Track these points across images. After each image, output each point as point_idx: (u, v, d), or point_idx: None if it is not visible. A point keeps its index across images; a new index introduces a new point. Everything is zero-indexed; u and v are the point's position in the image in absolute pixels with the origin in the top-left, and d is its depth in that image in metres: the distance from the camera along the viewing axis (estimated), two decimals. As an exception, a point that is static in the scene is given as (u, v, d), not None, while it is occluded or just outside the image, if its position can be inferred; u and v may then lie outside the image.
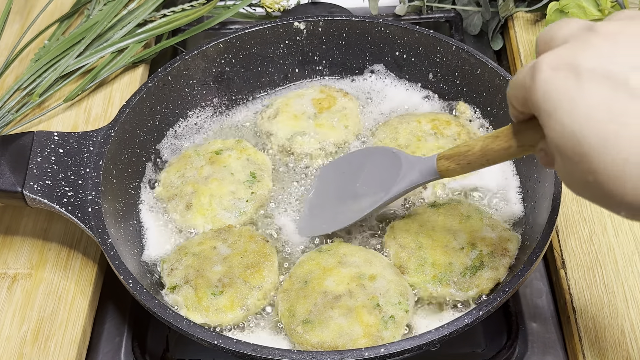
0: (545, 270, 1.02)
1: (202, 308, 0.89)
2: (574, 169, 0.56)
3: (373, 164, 0.96)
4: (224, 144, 1.07)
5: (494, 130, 0.75)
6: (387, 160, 0.93)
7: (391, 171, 0.91)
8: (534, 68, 0.59)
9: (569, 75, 0.55)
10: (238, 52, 1.14)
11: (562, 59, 0.56)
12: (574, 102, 0.54)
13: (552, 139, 0.57)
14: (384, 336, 0.84)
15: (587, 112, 0.53)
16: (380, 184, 0.93)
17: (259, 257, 0.93)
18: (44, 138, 0.97)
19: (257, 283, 0.91)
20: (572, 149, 0.55)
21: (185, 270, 0.92)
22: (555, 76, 0.56)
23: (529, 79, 0.59)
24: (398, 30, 1.12)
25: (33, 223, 1.06)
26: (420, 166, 0.88)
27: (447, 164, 0.83)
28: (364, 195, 0.95)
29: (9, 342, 0.93)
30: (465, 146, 0.80)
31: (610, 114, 0.52)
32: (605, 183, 0.54)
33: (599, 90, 0.54)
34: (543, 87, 0.57)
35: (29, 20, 1.35)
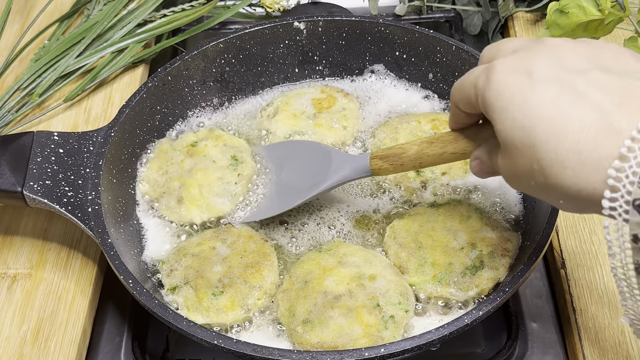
0: (545, 270, 1.02)
1: (202, 308, 0.89)
2: (520, 159, 0.63)
3: (306, 157, 0.99)
4: (196, 135, 1.07)
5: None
6: (319, 155, 0.97)
7: (322, 166, 0.95)
8: (489, 70, 0.65)
9: (522, 76, 0.62)
10: (238, 52, 1.14)
11: (516, 63, 0.63)
12: (526, 99, 0.61)
13: (503, 132, 0.64)
14: (384, 336, 0.84)
15: (537, 108, 0.60)
16: (311, 177, 0.96)
17: (258, 257, 0.93)
18: (44, 138, 0.97)
19: (257, 282, 0.91)
20: (521, 141, 0.62)
21: (185, 271, 0.92)
22: (509, 76, 0.63)
23: (484, 79, 0.65)
24: (398, 30, 1.12)
25: (33, 223, 1.06)
26: (352, 163, 0.91)
27: (380, 164, 0.86)
28: (296, 186, 0.98)
29: (9, 342, 0.93)
30: (400, 148, 0.84)
31: (558, 110, 0.59)
32: (549, 169, 0.60)
33: (548, 90, 0.60)
34: (497, 86, 0.63)
35: (29, 20, 1.35)
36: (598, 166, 0.57)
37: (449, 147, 0.78)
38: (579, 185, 0.58)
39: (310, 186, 0.95)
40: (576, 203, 0.61)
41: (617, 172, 0.56)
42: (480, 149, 0.75)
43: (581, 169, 0.58)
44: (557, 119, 0.59)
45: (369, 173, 0.89)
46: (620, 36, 1.23)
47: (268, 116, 1.11)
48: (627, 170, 0.55)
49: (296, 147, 1.04)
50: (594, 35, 1.16)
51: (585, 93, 0.59)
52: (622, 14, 1.11)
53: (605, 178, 0.57)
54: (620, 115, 0.57)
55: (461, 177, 1.02)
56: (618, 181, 0.56)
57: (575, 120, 0.58)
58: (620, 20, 1.13)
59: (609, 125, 0.57)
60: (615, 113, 0.57)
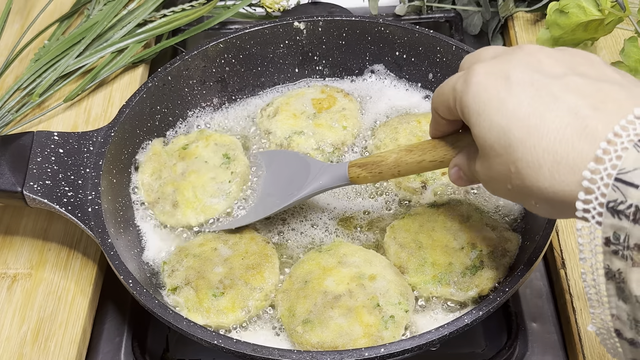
0: (545, 270, 1.02)
1: (203, 309, 0.89)
2: (497, 161, 0.64)
3: (285, 166, 1.00)
4: (187, 138, 1.07)
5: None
6: (297, 164, 0.98)
7: (301, 175, 0.95)
8: (467, 74, 0.66)
9: (499, 80, 0.63)
10: (238, 52, 1.14)
11: (494, 67, 0.65)
12: (502, 101, 0.62)
13: (480, 134, 0.65)
14: (384, 336, 0.84)
15: (513, 109, 0.61)
16: (289, 185, 0.96)
17: (259, 259, 0.93)
18: (44, 138, 0.97)
19: (258, 284, 0.91)
20: (498, 142, 0.62)
21: (186, 271, 0.92)
22: (487, 80, 0.64)
23: (462, 82, 0.67)
24: (398, 30, 1.12)
25: (33, 223, 1.06)
26: (331, 172, 0.92)
27: (358, 172, 0.87)
28: (274, 194, 0.99)
29: (9, 342, 0.93)
30: (378, 156, 0.85)
31: (534, 111, 0.60)
32: (525, 170, 0.60)
33: (525, 93, 0.62)
34: (475, 89, 0.65)
35: (29, 20, 1.35)
36: (574, 168, 0.57)
37: (428, 154, 0.79)
38: (554, 186, 0.59)
39: (288, 195, 0.95)
40: (552, 205, 0.61)
41: (592, 174, 0.56)
42: (459, 156, 0.76)
43: (557, 169, 0.58)
44: (533, 120, 0.60)
45: (347, 181, 0.89)
46: (620, 36, 1.23)
47: (268, 116, 1.11)
48: (602, 173, 0.55)
49: (279, 157, 1.04)
50: (594, 35, 1.16)
51: (561, 96, 0.60)
52: (622, 14, 1.11)
53: (580, 180, 0.57)
54: (596, 118, 0.57)
55: (461, 177, 1.02)
56: (592, 183, 0.56)
57: (551, 121, 0.59)
58: (620, 20, 1.13)
59: (584, 127, 0.57)
60: (591, 116, 0.58)
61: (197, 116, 1.13)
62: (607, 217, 0.55)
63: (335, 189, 0.96)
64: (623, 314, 0.56)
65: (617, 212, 0.54)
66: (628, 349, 0.58)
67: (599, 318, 0.60)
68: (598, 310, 0.59)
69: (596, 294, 0.59)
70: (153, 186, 1.02)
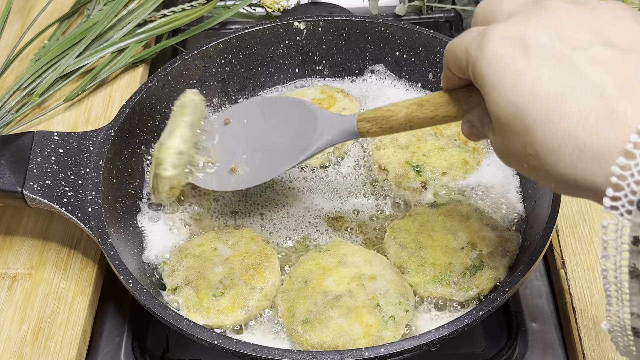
0: (545, 270, 1.02)
1: (203, 309, 0.89)
2: (513, 141, 0.58)
3: (286, 117, 0.93)
4: None
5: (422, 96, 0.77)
6: (301, 115, 0.91)
7: (307, 127, 0.89)
8: (483, 35, 0.59)
9: (517, 48, 0.57)
10: (238, 52, 1.14)
11: (512, 31, 0.58)
12: (519, 76, 0.56)
13: (494, 111, 0.59)
14: (384, 336, 0.84)
15: (532, 86, 0.55)
16: (295, 140, 0.90)
17: (260, 259, 0.93)
18: (44, 138, 0.97)
19: (258, 284, 0.91)
20: (514, 122, 0.57)
21: (186, 271, 0.92)
22: (503, 47, 0.58)
23: (476, 46, 0.60)
24: (398, 30, 1.12)
25: (33, 223, 1.06)
26: (340, 125, 0.86)
27: (368, 126, 0.82)
28: (277, 150, 0.92)
29: (9, 342, 0.93)
30: (388, 110, 0.80)
31: (554, 89, 0.54)
32: (544, 154, 0.56)
33: (545, 66, 0.55)
34: (490, 57, 0.58)
35: (29, 20, 1.35)
36: (599, 157, 0.53)
37: (440, 110, 0.74)
38: (576, 175, 0.55)
39: (296, 151, 0.89)
40: (572, 190, 0.57)
41: (622, 170, 0.52)
42: (471, 112, 0.70)
43: (579, 156, 0.54)
44: (553, 99, 0.54)
45: (356, 136, 0.84)
46: (620, 36, 1.23)
47: (268, 116, 1.11)
48: (633, 169, 0.51)
49: (274, 105, 0.96)
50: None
51: (584, 71, 0.54)
52: (622, 14, 1.11)
53: (608, 173, 0.52)
54: (624, 101, 0.52)
55: (461, 177, 1.02)
56: (622, 179, 0.52)
57: (573, 102, 0.54)
58: (620, 20, 1.13)
59: (611, 111, 0.52)
60: (617, 97, 0.52)
61: (197, 116, 1.13)
62: (636, 216, 0.52)
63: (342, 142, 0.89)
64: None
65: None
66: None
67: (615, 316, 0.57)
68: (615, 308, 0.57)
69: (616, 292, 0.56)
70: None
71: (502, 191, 1.01)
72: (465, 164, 1.02)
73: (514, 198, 1.00)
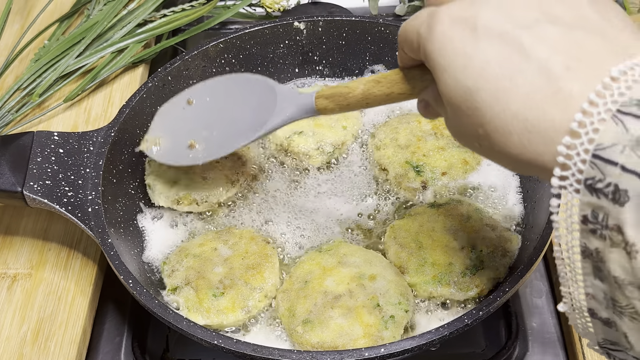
0: (545, 270, 1.02)
1: (203, 309, 0.89)
2: (464, 121, 0.58)
3: (247, 93, 0.94)
4: None
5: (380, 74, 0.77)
6: (261, 91, 0.91)
7: (267, 103, 0.89)
8: (432, 17, 0.60)
9: (466, 31, 0.57)
10: (238, 52, 1.14)
11: (461, 13, 0.58)
12: (468, 58, 0.56)
13: (445, 92, 0.59)
14: (384, 336, 0.84)
15: (481, 68, 0.55)
16: (255, 116, 0.90)
17: (259, 259, 0.93)
18: (44, 138, 0.97)
19: (258, 284, 0.91)
20: (465, 103, 0.57)
21: (186, 271, 0.92)
22: (452, 30, 0.58)
23: (426, 28, 0.60)
24: (398, 30, 1.12)
25: (33, 223, 1.06)
26: (298, 101, 0.86)
27: (325, 103, 0.82)
28: (237, 126, 0.92)
29: (9, 342, 0.93)
30: (345, 87, 0.79)
31: (503, 71, 0.54)
32: (494, 135, 0.56)
33: (493, 47, 0.55)
34: (440, 40, 0.58)
35: (29, 20, 1.35)
36: (546, 138, 0.53)
37: (396, 87, 0.74)
38: (525, 154, 0.55)
39: (254, 126, 0.89)
40: (526, 169, 0.57)
41: (568, 149, 0.51)
42: (426, 91, 0.70)
43: (527, 137, 0.54)
44: (501, 82, 0.54)
45: (314, 112, 0.84)
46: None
47: (268, 116, 1.11)
48: (578, 148, 0.51)
49: (236, 82, 0.96)
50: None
51: (531, 51, 0.54)
52: (622, 14, 1.11)
53: (555, 153, 0.52)
54: (570, 80, 0.52)
55: (461, 177, 1.02)
56: (568, 159, 0.51)
57: (521, 84, 0.54)
58: (620, 20, 1.13)
59: (557, 90, 0.52)
60: (563, 77, 0.52)
61: (197, 116, 1.14)
62: (584, 195, 0.51)
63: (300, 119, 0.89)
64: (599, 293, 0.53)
65: (596, 190, 0.50)
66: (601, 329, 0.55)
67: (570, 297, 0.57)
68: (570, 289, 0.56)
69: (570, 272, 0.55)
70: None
71: (502, 191, 1.01)
72: (465, 164, 1.02)
73: (514, 198, 1.00)
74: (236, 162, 1.04)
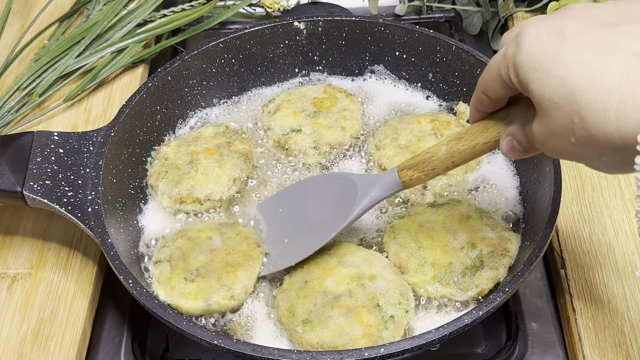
0: (545, 270, 1.02)
1: (168, 287, 0.90)
2: (557, 114, 0.61)
3: (321, 192, 0.95)
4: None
5: None
6: (337, 185, 0.93)
7: (346, 194, 0.91)
8: (517, 37, 0.64)
9: (553, 36, 0.62)
10: (238, 52, 1.14)
11: (546, 25, 0.63)
12: (558, 53, 0.60)
13: (537, 89, 0.62)
14: (384, 336, 0.84)
15: (572, 57, 0.60)
16: (337, 209, 0.91)
17: (241, 259, 0.93)
18: (44, 138, 0.97)
19: (229, 283, 0.91)
20: (558, 93, 0.60)
21: (174, 250, 0.94)
22: (540, 37, 0.62)
23: (513, 47, 0.64)
24: (398, 30, 1.12)
25: (33, 223, 1.06)
26: (380, 181, 0.87)
27: (410, 174, 0.83)
28: (320, 223, 0.93)
29: (9, 342, 0.93)
30: (427, 153, 0.81)
31: (593, 56, 0.59)
32: (591, 118, 0.59)
33: (582, 42, 0.60)
34: (529, 47, 0.63)
35: (29, 20, 1.35)
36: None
37: (480, 137, 0.75)
38: (621, 129, 0.57)
39: (340, 217, 0.90)
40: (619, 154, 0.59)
41: None
42: (512, 126, 0.72)
43: (623, 110, 0.57)
44: (594, 66, 0.58)
45: (399, 187, 0.85)
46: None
47: (269, 112, 1.11)
48: None
49: (304, 188, 0.99)
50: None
51: (620, 41, 0.59)
52: (622, 14, 1.11)
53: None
54: None
55: (461, 177, 1.02)
56: None
57: (614, 64, 0.58)
58: (620, 20, 1.13)
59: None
60: None
61: (197, 116, 1.13)
62: None
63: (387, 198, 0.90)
64: None
65: None
66: None
67: None
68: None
69: None
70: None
71: (502, 191, 1.01)
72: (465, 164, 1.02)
73: (514, 198, 1.00)
74: (237, 161, 1.04)
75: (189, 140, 1.08)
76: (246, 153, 1.06)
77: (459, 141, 0.77)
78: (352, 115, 1.10)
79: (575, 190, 1.05)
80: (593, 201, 1.03)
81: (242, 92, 1.17)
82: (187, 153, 1.05)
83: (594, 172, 1.06)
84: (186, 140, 1.08)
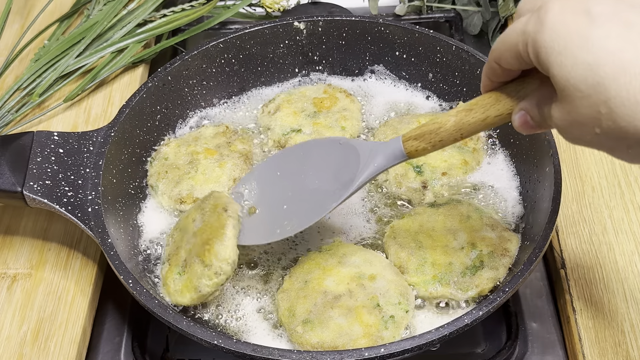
0: (545, 270, 1.02)
1: (168, 287, 0.90)
2: (582, 103, 0.57)
3: (323, 157, 0.91)
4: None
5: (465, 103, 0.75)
6: (339, 151, 0.89)
7: (348, 162, 0.86)
8: (539, 10, 0.60)
9: (578, 15, 0.57)
10: (238, 52, 1.14)
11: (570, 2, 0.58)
12: (586, 37, 0.56)
13: (561, 74, 0.58)
14: (384, 336, 0.84)
15: (601, 43, 0.56)
16: (338, 176, 0.87)
17: (211, 233, 0.89)
18: (44, 138, 0.97)
19: (209, 261, 0.87)
20: (585, 81, 0.56)
21: (172, 246, 0.94)
22: (565, 16, 0.58)
23: (534, 23, 0.60)
24: (398, 30, 1.12)
25: (33, 223, 1.06)
26: (384, 150, 0.83)
27: (416, 144, 0.79)
28: (321, 191, 0.89)
29: (9, 342, 0.93)
30: (434, 124, 0.77)
31: (625, 44, 0.55)
32: (620, 109, 0.55)
33: (610, 25, 0.56)
34: (552, 26, 0.58)
35: (29, 20, 1.35)
36: None
37: (492, 109, 0.71)
38: None
39: (341, 186, 0.86)
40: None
41: None
42: (525, 101, 0.68)
43: None
44: (627, 53, 0.55)
45: (404, 157, 0.81)
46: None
47: (269, 112, 1.11)
48: None
49: (305, 150, 0.94)
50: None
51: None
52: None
53: None
54: None
55: (461, 178, 1.02)
56: None
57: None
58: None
59: None
60: None
61: (197, 116, 1.14)
62: None
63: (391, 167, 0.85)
64: None
65: None
66: None
67: None
68: None
69: None
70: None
71: (502, 191, 1.01)
72: (465, 164, 1.02)
73: (514, 198, 1.00)
74: (237, 161, 1.04)
75: (189, 140, 1.08)
76: (246, 153, 1.06)
77: (468, 112, 0.73)
78: (352, 115, 1.10)
79: (575, 190, 1.05)
80: (593, 201, 1.03)
81: (242, 92, 1.17)
82: (187, 153, 1.05)
83: (594, 172, 1.06)
84: (186, 140, 1.08)
